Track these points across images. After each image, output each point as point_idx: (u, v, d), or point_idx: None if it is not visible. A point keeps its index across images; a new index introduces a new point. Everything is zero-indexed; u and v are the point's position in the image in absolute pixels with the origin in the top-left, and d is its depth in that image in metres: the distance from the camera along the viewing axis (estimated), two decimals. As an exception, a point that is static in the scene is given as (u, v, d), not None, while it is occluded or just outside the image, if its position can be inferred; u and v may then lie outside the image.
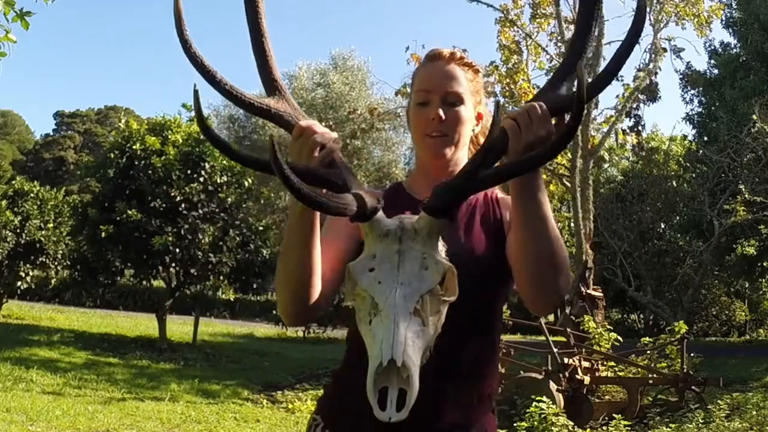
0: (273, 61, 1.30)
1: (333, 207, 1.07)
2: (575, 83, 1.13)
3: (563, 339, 8.59)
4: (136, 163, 10.93)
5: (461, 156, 1.48)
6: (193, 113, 12.98)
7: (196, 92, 1.08)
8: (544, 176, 13.60)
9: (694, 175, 18.11)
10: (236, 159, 1.17)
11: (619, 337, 8.46)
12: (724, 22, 18.95)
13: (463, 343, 1.34)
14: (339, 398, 1.41)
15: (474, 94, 1.48)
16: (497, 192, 1.50)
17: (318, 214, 1.24)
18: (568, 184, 11.79)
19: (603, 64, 12.59)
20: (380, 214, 1.13)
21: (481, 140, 1.54)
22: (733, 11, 18.84)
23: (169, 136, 11.20)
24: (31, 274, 13.36)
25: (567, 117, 1.14)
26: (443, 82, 1.44)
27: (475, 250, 1.37)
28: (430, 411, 1.30)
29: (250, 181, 11.87)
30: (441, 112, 1.42)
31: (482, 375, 1.39)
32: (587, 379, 7.24)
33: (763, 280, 19.58)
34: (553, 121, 1.17)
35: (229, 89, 1.22)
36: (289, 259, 1.28)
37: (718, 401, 6.07)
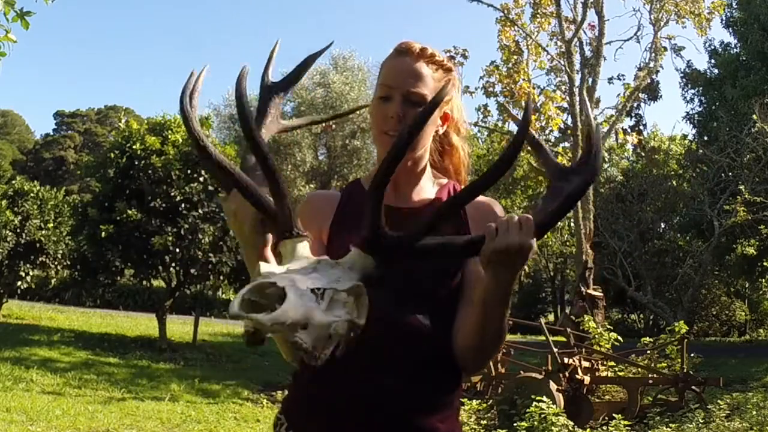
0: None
1: (255, 197, 1.05)
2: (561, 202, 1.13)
3: (563, 339, 8.59)
4: (136, 163, 10.93)
5: (422, 155, 1.42)
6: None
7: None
8: (543, 176, 13.62)
9: (694, 175, 18.10)
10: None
11: (619, 337, 8.47)
12: (724, 22, 18.97)
13: (440, 332, 1.33)
14: (302, 402, 1.39)
15: None
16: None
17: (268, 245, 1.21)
18: (568, 184, 11.78)
19: (603, 64, 12.61)
20: (305, 242, 1.09)
21: (454, 139, 1.51)
22: (733, 11, 18.84)
23: (169, 136, 11.19)
24: (31, 273, 13.33)
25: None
26: (407, 80, 1.37)
27: None
28: (407, 406, 1.29)
29: (250, 180, 11.86)
30: (400, 111, 1.36)
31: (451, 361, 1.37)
32: (587, 379, 7.23)
33: (763, 280, 19.57)
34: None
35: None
36: None
37: (718, 401, 6.08)
